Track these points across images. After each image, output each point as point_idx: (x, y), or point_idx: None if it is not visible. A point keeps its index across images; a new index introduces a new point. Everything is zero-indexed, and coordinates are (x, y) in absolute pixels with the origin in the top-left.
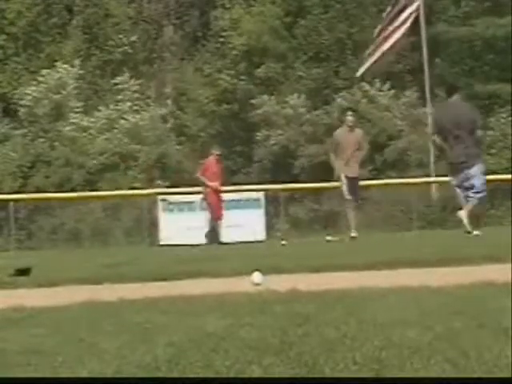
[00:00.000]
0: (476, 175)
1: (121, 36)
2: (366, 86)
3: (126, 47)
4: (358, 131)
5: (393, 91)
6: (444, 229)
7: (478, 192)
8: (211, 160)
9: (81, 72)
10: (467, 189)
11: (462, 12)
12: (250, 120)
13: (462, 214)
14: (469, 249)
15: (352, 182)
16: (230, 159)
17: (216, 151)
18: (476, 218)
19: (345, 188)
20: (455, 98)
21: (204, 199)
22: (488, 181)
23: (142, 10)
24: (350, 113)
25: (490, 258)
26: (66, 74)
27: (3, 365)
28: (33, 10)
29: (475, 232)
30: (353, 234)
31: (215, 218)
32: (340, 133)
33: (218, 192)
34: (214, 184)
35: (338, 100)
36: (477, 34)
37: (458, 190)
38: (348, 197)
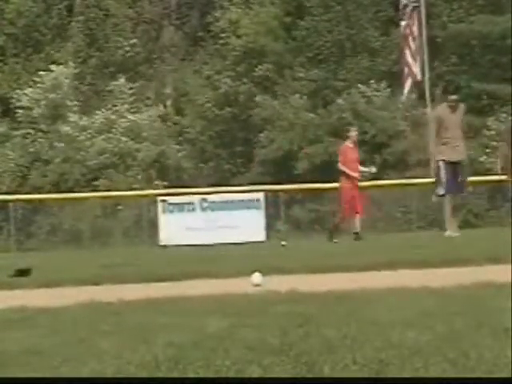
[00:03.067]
0: None
1: (121, 37)
2: (363, 87)
3: (125, 48)
4: (461, 108)
5: (390, 91)
6: (444, 229)
7: None
8: (346, 145)
9: (76, 71)
10: None
11: (460, 8)
12: (251, 121)
13: None
14: (469, 249)
15: (456, 166)
16: (231, 160)
17: (353, 132)
18: None
19: (443, 176)
20: None
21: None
22: (488, 182)
23: (142, 11)
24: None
25: (490, 258)
26: (61, 74)
27: (3, 365)
28: (32, 10)
29: None
30: (449, 234)
31: (347, 215)
32: (442, 111)
33: (355, 183)
34: (355, 174)
35: (339, 101)
36: (475, 31)
37: None
38: (441, 192)
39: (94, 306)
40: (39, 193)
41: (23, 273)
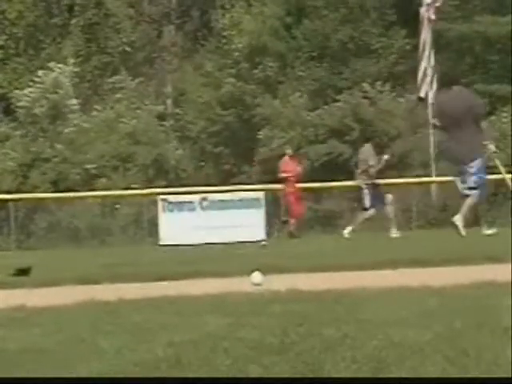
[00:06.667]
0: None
1: (121, 36)
2: (367, 87)
3: (126, 47)
4: None
5: (393, 92)
6: (444, 229)
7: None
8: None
9: (76, 70)
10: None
11: (464, 10)
12: (251, 120)
13: None
14: (469, 249)
15: None
16: (231, 159)
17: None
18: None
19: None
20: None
21: None
22: (488, 181)
23: (142, 11)
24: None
25: (490, 257)
26: (61, 73)
27: (3, 364)
28: (34, 10)
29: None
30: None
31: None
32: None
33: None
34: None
35: (340, 102)
36: (478, 32)
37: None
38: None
39: (94, 305)
40: (39, 192)
41: (23, 272)
